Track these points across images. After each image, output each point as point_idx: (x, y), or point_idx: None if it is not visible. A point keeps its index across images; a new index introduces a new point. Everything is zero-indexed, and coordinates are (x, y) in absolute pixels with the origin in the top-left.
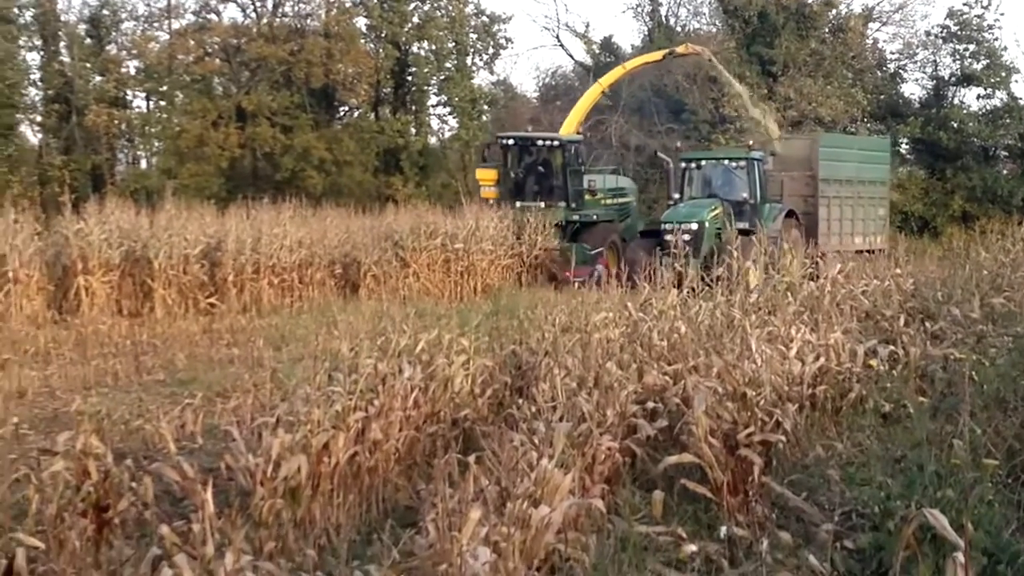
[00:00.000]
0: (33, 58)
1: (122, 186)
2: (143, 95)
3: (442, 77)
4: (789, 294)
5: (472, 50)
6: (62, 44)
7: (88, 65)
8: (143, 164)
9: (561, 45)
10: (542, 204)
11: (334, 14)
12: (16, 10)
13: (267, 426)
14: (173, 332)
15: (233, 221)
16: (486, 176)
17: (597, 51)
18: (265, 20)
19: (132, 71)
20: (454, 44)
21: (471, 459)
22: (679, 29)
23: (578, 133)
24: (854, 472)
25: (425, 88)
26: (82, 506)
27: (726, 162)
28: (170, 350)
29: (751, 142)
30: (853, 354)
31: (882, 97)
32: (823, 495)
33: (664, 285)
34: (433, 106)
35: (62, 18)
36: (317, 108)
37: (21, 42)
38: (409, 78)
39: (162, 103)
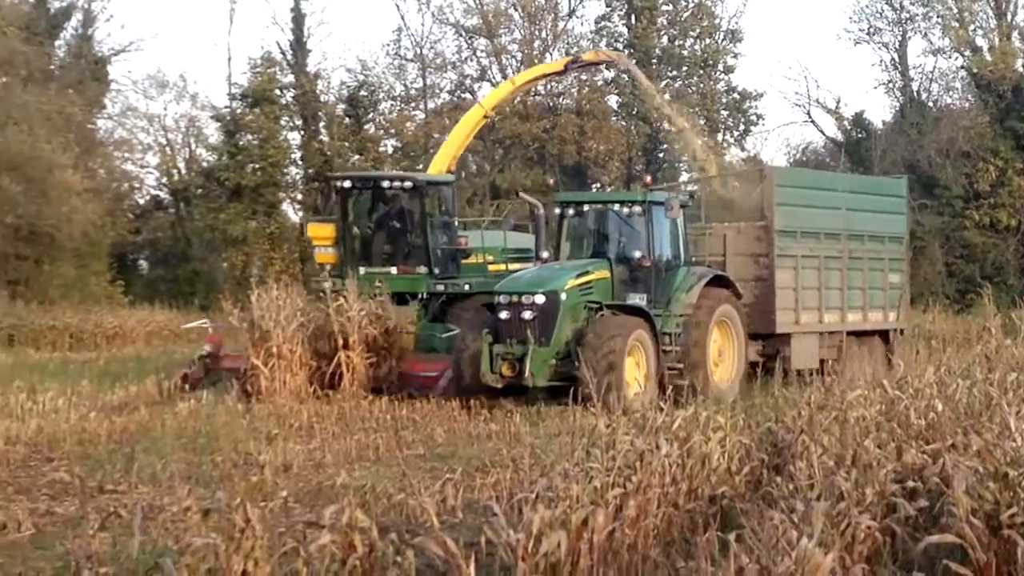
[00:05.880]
0: (294, 137)
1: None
2: None
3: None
4: None
5: (723, 126)
6: (322, 124)
7: (347, 144)
8: None
9: (812, 121)
10: (393, 270)
11: (586, 92)
12: (278, 91)
13: (527, 501)
14: (431, 407)
15: None
16: (320, 233)
17: (848, 127)
18: (518, 99)
19: (389, 150)
20: (705, 121)
21: (731, 537)
22: (931, 104)
23: (450, 172)
24: None
25: (677, 164)
26: None
27: (616, 207)
28: (429, 425)
29: (648, 178)
30: None
31: None
32: None
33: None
34: (684, 182)
35: (322, 99)
36: (570, 185)
37: (283, 122)
38: (660, 154)
39: None
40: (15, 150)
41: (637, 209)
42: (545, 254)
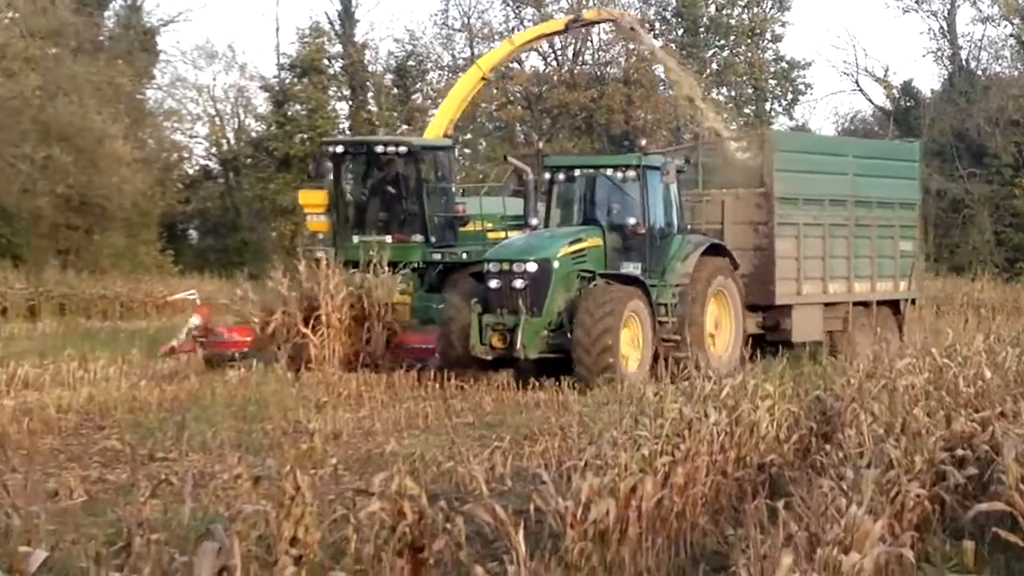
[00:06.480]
0: (342, 107)
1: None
2: None
3: (741, 122)
4: None
5: (771, 96)
6: (370, 94)
7: (395, 114)
8: None
9: (860, 90)
10: (388, 238)
11: (633, 61)
12: (326, 61)
13: (576, 469)
14: (480, 375)
15: None
16: (312, 200)
17: (897, 95)
18: (566, 68)
19: None
20: (753, 90)
21: (780, 504)
22: (980, 73)
23: (447, 136)
24: None
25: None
26: (398, 546)
27: (608, 172)
28: (478, 394)
29: (643, 141)
30: None
31: None
32: None
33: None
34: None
35: (369, 68)
36: (617, 154)
37: (331, 92)
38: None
39: (466, 150)
40: (65, 121)
41: (631, 174)
42: (534, 221)
